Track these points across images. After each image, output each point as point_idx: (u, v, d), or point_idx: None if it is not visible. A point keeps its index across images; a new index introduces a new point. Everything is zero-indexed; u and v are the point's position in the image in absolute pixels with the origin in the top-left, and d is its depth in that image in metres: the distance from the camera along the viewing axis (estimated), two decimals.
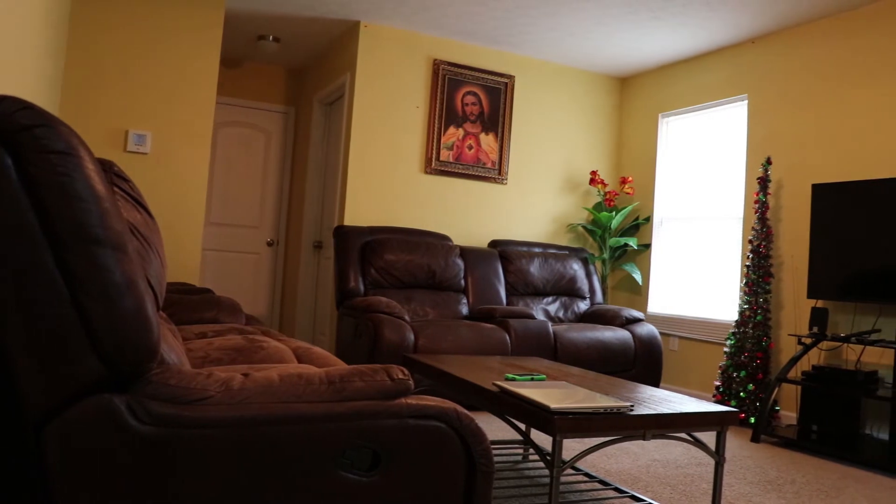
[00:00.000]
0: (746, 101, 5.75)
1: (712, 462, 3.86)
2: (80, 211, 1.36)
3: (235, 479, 1.52)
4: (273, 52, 6.64)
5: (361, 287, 5.30)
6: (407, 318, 4.85)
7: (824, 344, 4.88)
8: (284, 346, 2.95)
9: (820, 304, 4.92)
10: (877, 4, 4.84)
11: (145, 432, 1.44)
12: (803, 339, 4.80)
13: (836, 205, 4.70)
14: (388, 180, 5.97)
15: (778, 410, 5.04)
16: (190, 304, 3.72)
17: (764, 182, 5.19)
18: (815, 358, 4.96)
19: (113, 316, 1.37)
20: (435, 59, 6.12)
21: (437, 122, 6.11)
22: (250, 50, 6.83)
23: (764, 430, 4.55)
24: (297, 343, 3.25)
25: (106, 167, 1.93)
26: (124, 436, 1.42)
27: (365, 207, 5.88)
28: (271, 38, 6.40)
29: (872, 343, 4.27)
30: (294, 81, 7.47)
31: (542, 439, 4.14)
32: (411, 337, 4.64)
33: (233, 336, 3.09)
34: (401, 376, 1.74)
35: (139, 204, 1.91)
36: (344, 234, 5.46)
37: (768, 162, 5.18)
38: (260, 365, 2.58)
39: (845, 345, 4.79)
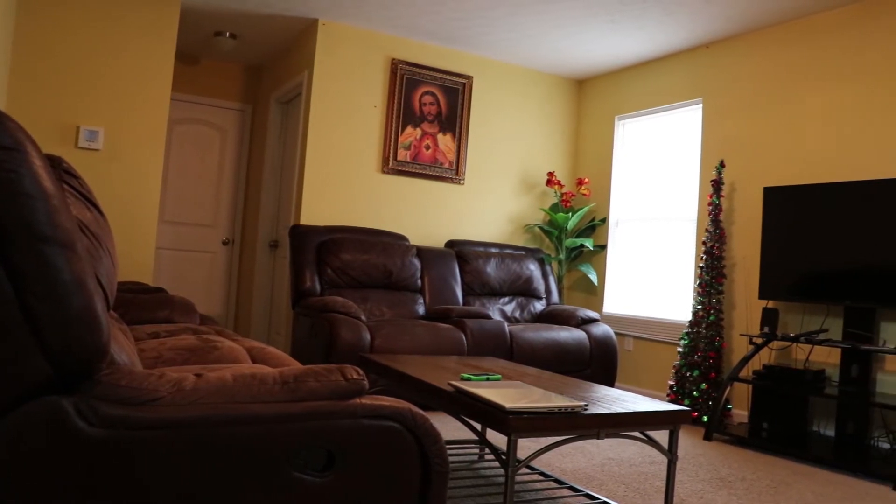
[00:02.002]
0: (701, 105, 5.83)
1: (666, 460, 3.90)
2: (28, 208, 1.33)
3: (187, 481, 1.50)
4: (230, 49, 6.56)
5: (317, 287, 5.27)
6: (363, 317, 4.83)
7: (775, 343, 4.97)
8: (239, 346, 2.92)
9: (771, 304, 5.01)
10: (826, 13, 4.95)
11: (94, 434, 1.41)
12: (754, 339, 4.88)
13: (786, 208, 4.79)
14: (345, 180, 5.94)
15: (730, 409, 5.12)
16: (142, 304, 3.67)
17: (717, 184, 5.26)
18: (765, 357, 5.05)
19: (61, 316, 1.35)
20: (393, 59, 6.10)
21: (394, 121, 6.10)
22: (207, 46, 6.75)
23: (716, 428, 4.62)
24: (251, 343, 3.22)
25: (55, 163, 1.89)
26: (72, 438, 1.39)
27: (321, 207, 5.84)
28: (228, 34, 6.33)
29: (820, 343, 4.36)
30: (251, 79, 7.40)
31: (498, 439, 4.15)
32: (367, 337, 4.63)
33: (186, 336, 3.05)
34: (355, 376, 1.73)
35: (89, 201, 1.88)
36: (300, 234, 5.42)
37: (722, 165, 5.25)
38: (213, 365, 2.55)
39: (795, 344, 4.88)
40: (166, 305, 3.75)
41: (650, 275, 6.22)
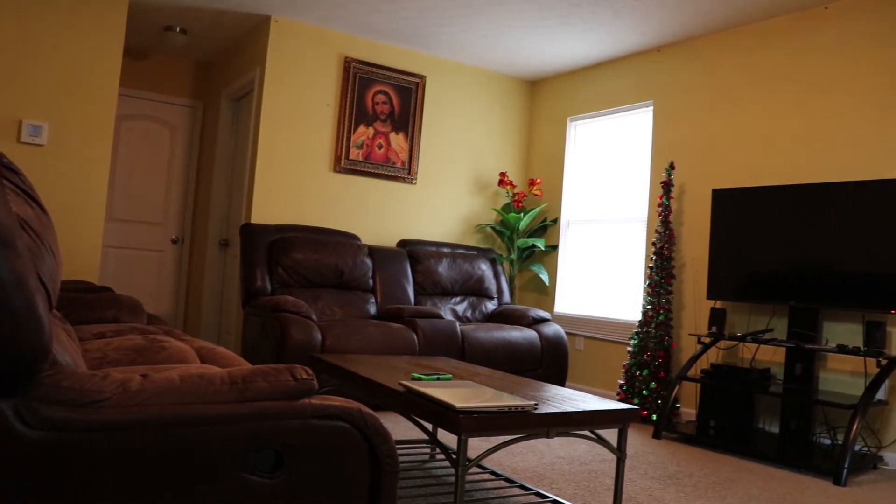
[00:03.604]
0: (652, 108, 5.91)
1: (615, 458, 3.94)
2: None
3: (133, 483, 1.48)
4: (180, 45, 6.46)
5: (268, 286, 5.22)
6: (314, 317, 4.80)
7: (722, 343, 5.05)
8: (187, 347, 2.88)
9: (719, 304, 5.10)
10: (773, 20, 5.05)
11: (35, 438, 1.38)
12: (703, 339, 4.95)
13: (734, 209, 4.88)
14: (297, 178, 5.89)
15: (678, 407, 5.19)
16: (88, 303, 3.60)
17: (667, 186, 5.33)
18: (713, 356, 5.13)
19: (0, 315, 1.31)
20: (346, 57, 6.07)
21: (347, 120, 6.07)
22: (157, 41, 6.64)
23: (665, 426, 4.68)
24: (200, 343, 3.18)
25: None
26: (10, 442, 1.36)
27: (273, 205, 5.79)
28: (178, 29, 6.23)
29: (766, 342, 4.45)
30: (202, 75, 7.30)
31: (449, 439, 4.16)
32: (318, 336, 4.60)
33: (133, 336, 2.99)
34: (304, 376, 1.72)
35: (31, 198, 1.84)
36: (251, 233, 5.36)
37: (671, 167, 5.33)
38: (161, 366, 2.51)
39: (741, 343, 4.97)
40: (113, 305, 3.69)
41: (601, 275, 6.28)
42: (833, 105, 4.68)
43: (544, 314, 5.81)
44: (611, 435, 4.31)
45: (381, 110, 6.24)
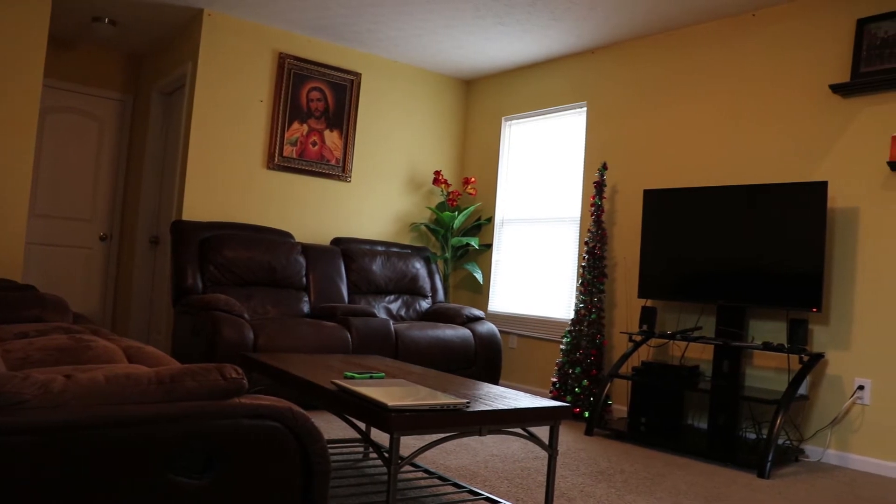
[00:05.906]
0: (585, 109, 5.98)
1: (548, 455, 3.98)
2: None
3: (56, 488, 1.43)
4: (109, 36, 6.30)
5: (200, 284, 5.13)
6: (246, 316, 4.74)
7: (653, 341, 5.15)
8: (114, 346, 2.82)
9: (649, 303, 5.19)
10: (703, 25, 5.16)
11: None
12: (634, 337, 5.04)
13: (664, 210, 4.97)
14: (229, 175, 5.80)
15: (610, 404, 5.27)
16: (9, 302, 3.48)
17: (600, 186, 5.41)
18: (644, 354, 5.22)
19: None
20: (280, 53, 6.00)
21: (280, 116, 6.00)
22: (84, 31, 6.45)
23: (597, 423, 4.74)
24: (128, 342, 3.11)
25: None
26: None
27: (204, 202, 5.69)
28: (107, 20, 6.07)
29: (695, 340, 4.56)
30: (132, 68, 7.13)
31: (383, 438, 4.15)
32: (251, 335, 4.54)
33: (57, 336, 2.91)
34: (234, 375, 1.70)
35: None
36: (182, 230, 5.26)
37: (604, 167, 5.40)
38: (86, 366, 2.45)
39: (671, 341, 5.07)
40: (36, 304, 3.58)
41: (534, 274, 6.34)
42: (761, 108, 4.81)
43: (478, 313, 5.84)
44: (543, 432, 4.36)
45: (316, 107, 6.19)
